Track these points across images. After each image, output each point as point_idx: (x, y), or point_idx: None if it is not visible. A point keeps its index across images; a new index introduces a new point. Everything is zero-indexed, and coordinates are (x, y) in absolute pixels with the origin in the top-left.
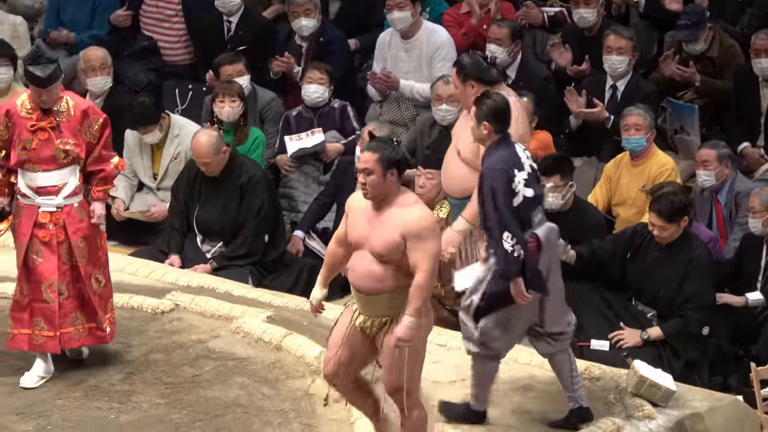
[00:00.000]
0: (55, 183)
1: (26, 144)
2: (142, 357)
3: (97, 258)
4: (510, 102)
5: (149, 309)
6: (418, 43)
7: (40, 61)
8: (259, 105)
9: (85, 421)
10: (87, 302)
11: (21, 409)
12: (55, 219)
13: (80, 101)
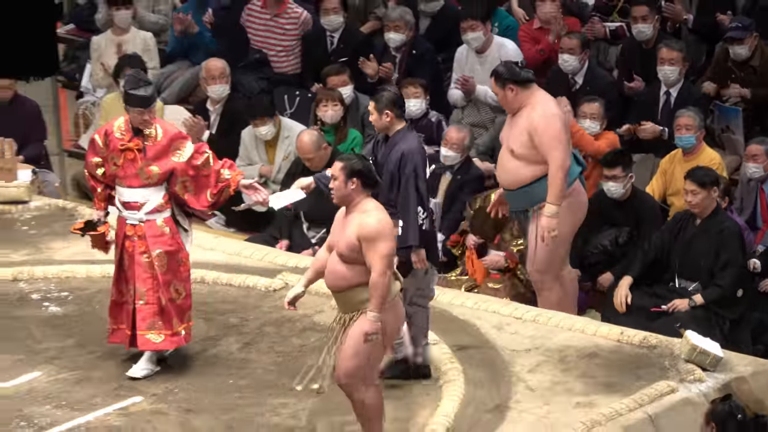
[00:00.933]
0: (138, 199)
1: (116, 161)
2: (256, 329)
3: (177, 271)
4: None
5: (263, 287)
6: (490, 57)
7: (141, 84)
8: (360, 110)
9: (207, 385)
10: (165, 310)
11: (152, 374)
12: (138, 232)
13: (169, 129)
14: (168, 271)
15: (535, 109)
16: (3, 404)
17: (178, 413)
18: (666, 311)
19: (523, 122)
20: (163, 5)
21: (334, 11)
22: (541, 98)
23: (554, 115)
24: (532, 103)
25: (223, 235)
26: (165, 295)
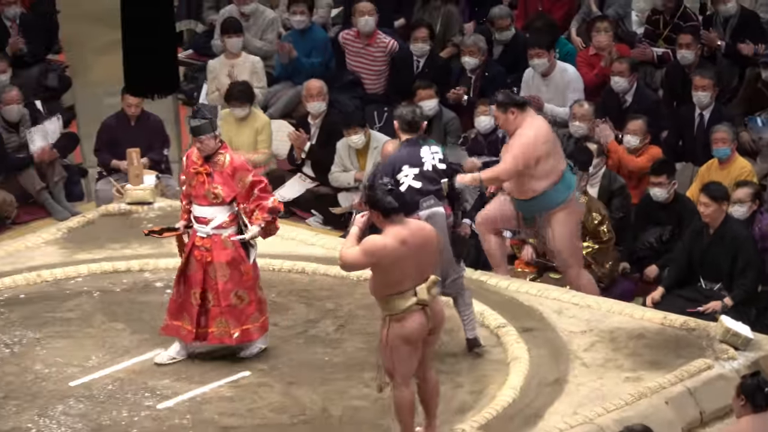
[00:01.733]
0: (206, 216)
1: (191, 182)
2: (349, 313)
3: (240, 280)
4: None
5: (354, 277)
6: (554, 80)
7: (197, 115)
8: (443, 121)
9: (305, 361)
10: (225, 313)
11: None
12: (205, 243)
13: (236, 159)
14: (229, 280)
15: (530, 126)
16: (132, 377)
17: (281, 385)
18: (702, 312)
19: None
20: (269, 34)
21: (422, 40)
22: (537, 121)
23: (537, 137)
24: (528, 123)
25: (322, 233)
26: (225, 301)
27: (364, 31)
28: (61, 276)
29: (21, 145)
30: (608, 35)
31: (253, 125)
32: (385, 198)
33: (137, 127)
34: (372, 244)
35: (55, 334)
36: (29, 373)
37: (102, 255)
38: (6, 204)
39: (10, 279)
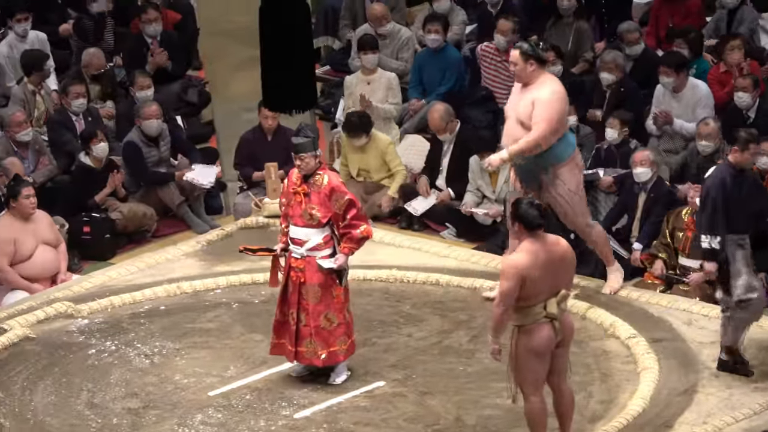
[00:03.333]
0: (302, 237)
1: (289, 201)
2: (482, 324)
3: (331, 302)
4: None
5: (488, 288)
6: (685, 96)
7: (300, 134)
8: (580, 135)
9: (440, 372)
10: (314, 334)
11: (393, 362)
12: (299, 264)
13: (333, 180)
14: (320, 302)
15: (545, 84)
16: (269, 387)
17: (416, 395)
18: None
19: (532, 95)
20: (405, 53)
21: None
22: (550, 78)
23: (559, 95)
24: (542, 80)
25: (455, 245)
26: (314, 322)
27: (503, 49)
28: (201, 288)
29: (160, 160)
30: (741, 53)
31: (377, 148)
32: (530, 212)
33: (274, 142)
34: (510, 266)
35: (194, 345)
36: (169, 383)
37: (241, 267)
38: (146, 217)
39: (151, 291)
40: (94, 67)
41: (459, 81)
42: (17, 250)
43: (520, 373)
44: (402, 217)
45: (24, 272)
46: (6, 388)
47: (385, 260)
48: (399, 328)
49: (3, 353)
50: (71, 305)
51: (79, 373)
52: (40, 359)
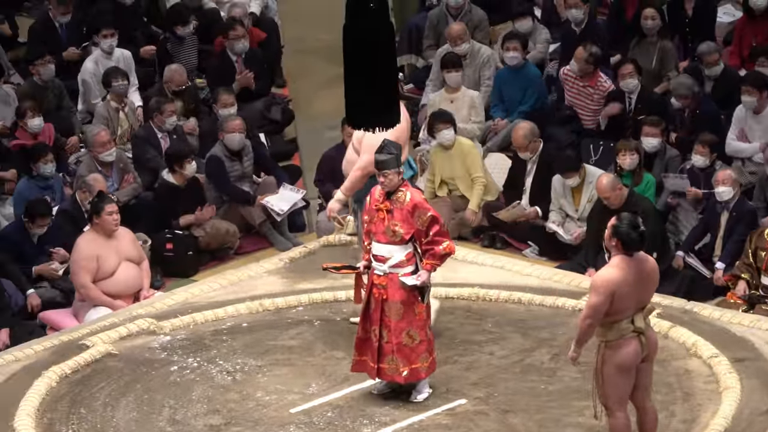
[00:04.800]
0: (384, 254)
1: (372, 218)
2: (564, 343)
3: (413, 319)
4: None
5: (569, 307)
6: (765, 118)
7: (383, 150)
8: (666, 157)
9: (522, 390)
10: (396, 351)
11: (475, 380)
12: (382, 281)
13: (416, 196)
14: (402, 319)
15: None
16: (351, 405)
17: (497, 413)
18: None
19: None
20: (486, 71)
21: (629, 75)
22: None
23: (407, 117)
24: None
25: (537, 263)
26: (396, 339)
27: (576, 74)
28: (283, 305)
29: (243, 175)
30: None
31: (461, 152)
32: (632, 235)
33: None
34: (601, 280)
35: (276, 362)
36: (251, 400)
37: (323, 284)
38: (229, 234)
39: (233, 308)
40: (176, 84)
41: (540, 99)
42: (100, 267)
43: (605, 389)
44: (485, 236)
45: (107, 289)
46: (88, 404)
47: (468, 278)
48: (481, 346)
49: (86, 369)
50: (154, 322)
51: (161, 390)
52: (123, 376)
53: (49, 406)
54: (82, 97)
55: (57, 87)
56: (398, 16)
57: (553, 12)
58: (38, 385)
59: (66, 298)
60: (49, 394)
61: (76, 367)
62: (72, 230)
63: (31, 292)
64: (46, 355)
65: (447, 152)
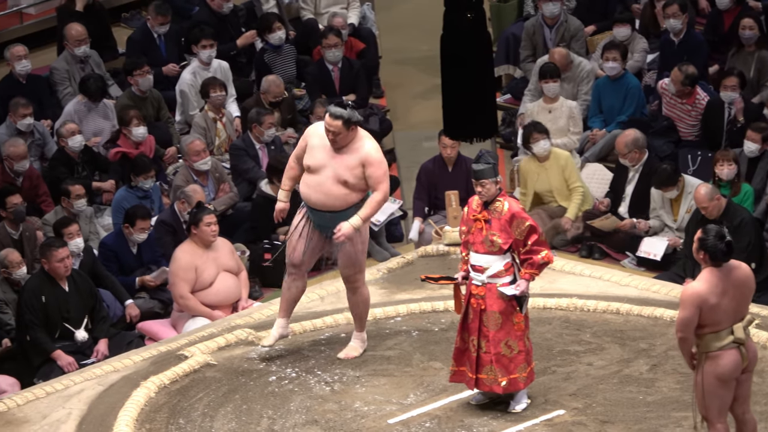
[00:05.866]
0: (483, 264)
1: (470, 228)
2: (662, 353)
3: (511, 329)
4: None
5: (668, 318)
6: None
7: (480, 160)
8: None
9: (620, 401)
10: (495, 361)
11: (573, 391)
12: (480, 291)
13: (513, 206)
14: (501, 329)
15: (364, 141)
16: (449, 415)
17: (596, 424)
18: None
19: (358, 155)
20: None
21: (731, 88)
22: (365, 134)
23: (379, 148)
24: (359, 137)
25: (636, 274)
26: (495, 349)
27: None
28: (381, 315)
29: None
30: None
31: (557, 165)
32: (719, 247)
33: (455, 172)
34: (689, 295)
35: (374, 373)
36: (349, 411)
37: (421, 295)
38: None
39: (332, 318)
40: (273, 95)
41: (639, 109)
42: (198, 278)
43: (705, 401)
44: (582, 246)
45: (205, 299)
46: (187, 414)
47: (566, 288)
48: (579, 357)
49: (184, 380)
50: (252, 332)
51: (260, 400)
52: (221, 386)
53: (147, 416)
54: (179, 107)
55: (155, 98)
56: (495, 26)
57: (652, 22)
58: (137, 395)
59: (164, 308)
60: (147, 404)
61: (174, 378)
62: (171, 240)
63: (129, 302)
64: (144, 366)
65: (541, 165)
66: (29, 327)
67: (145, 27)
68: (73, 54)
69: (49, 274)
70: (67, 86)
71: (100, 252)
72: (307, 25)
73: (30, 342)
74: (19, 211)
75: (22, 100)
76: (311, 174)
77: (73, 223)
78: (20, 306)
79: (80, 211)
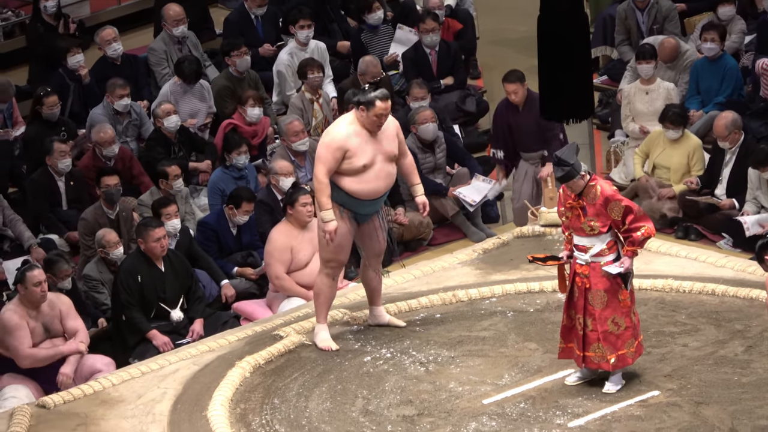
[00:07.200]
0: (585, 245)
1: (567, 215)
2: (758, 335)
3: (617, 306)
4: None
5: (763, 299)
6: None
7: (559, 165)
8: None
9: (715, 382)
10: (602, 339)
11: (668, 372)
12: (584, 270)
13: (606, 189)
14: (607, 307)
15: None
16: (543, 396)
17: (690, 405)
18: None
19: (387, 129)
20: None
21: None
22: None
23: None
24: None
25: (732, 255)
26: (601, 327)
27: None
28: (476, 296)
29: (436, 167)
30: None
31: (686, 147)
32: None
33: (525, 111)
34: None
35: (469, 353)
36: (443, 391)
37: (516, 276)
38: (423, 226)
39: (427, 299)
40: (371, 75)
41: (736, 90)
42: (294, 258)
43: None
44: (678, 227)
45: (300, 280)
46: (282, 394)
47: (661, 270)
48: (674, 338)
49: (279, 360)
50: (347, 312)
51: (354, 380)
52: (316, 366)
53: (242, 396)
54: (276, 88)
55: (253, 78)
56: (593, 7)
57: (749, 3)
58: (232, 375)
59: (260, 289)
60: (242, 384)
61: (269, 358)
62: (269, 219)
63: (225, 282)
64: (239, 346)
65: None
66: (125, 307)
67: (243, 8)
68: (171, 34)
69: (145, 254)
70: (165, 67)
71: (200, 231)
72: (405, 6)
73: (126, 322)
74: (111, 192)
75: (119, 80)
76: (367, 170)
77: (171, 203)
78: (116, 286)
79: (177, 192)
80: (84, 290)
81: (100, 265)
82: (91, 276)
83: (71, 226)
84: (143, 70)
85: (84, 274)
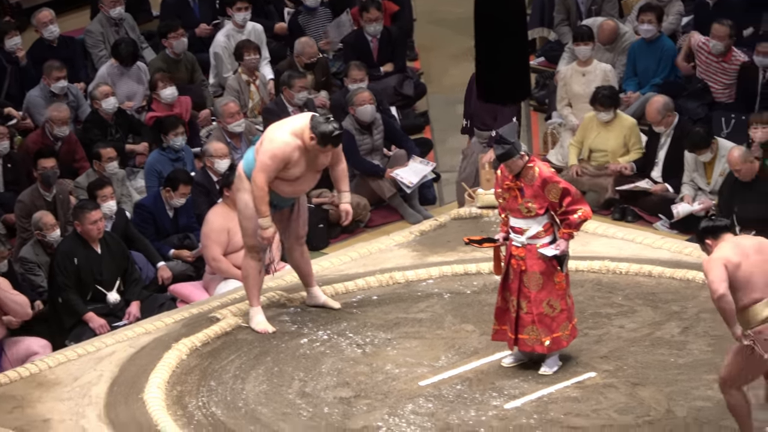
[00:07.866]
0: (521, 226)
1: (504, 196)
2: (694, 316)
3: (552, 289)
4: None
5: (700, 280)
6: None
7: (499, 143)
8: None
9: (651, 363)
10: (536, 321)
11: (605, 353)
12: (520, 252)
13: (544, 171)
14: (542, 289)
15: None
16: (480, 378)
17: (626, 386)
18: None
19: None
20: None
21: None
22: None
23: None
24: None
25: (668, 236)
26: (537, 309)
27: (718, 53)
28: (413, 278)
29: (373, 148)
30: None
31: (620, 128)
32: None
33: None
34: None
35: (406, 335)
36: (380, 373)
37: (453, 258)
38: (360, 208)
39: (363, 281)
40: (307, 56)
41: (673, 71)
42: (231, 240)
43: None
44: (615, 209)
45: (237, 262)
46: (218, 376)
47: (598, 251)
48: (610, 319)
49: (216, 342)
50: (284, 294)
51: (291, 362)
52: (253, 348)
53: (179, 378)
54: (213, 70)
55: (189, 60)
56: None
57: None
58: (168, 357)
59: (196, 271)
60: (179, 366)
61: (206, 340)
62: (205, 201)
63: (161, 264)
64: (176, 328)
65: (604, 125)
66: (61, 289)
67: None
68: (108, 16)
69: (81, 236)
70: (102, 49)
71: (137, 213)
72: None
73: (62, 304)
74: (47, 175)
75: (56, 62)
76: (298, 178)
77: (107, 185)
78: (53, 268)
79: (112, 174)
80: (20, 273)
81: (36, 247)
82: (28, 258)
83: (8, 208)
84: (80, 51)
85: (20, 257)
